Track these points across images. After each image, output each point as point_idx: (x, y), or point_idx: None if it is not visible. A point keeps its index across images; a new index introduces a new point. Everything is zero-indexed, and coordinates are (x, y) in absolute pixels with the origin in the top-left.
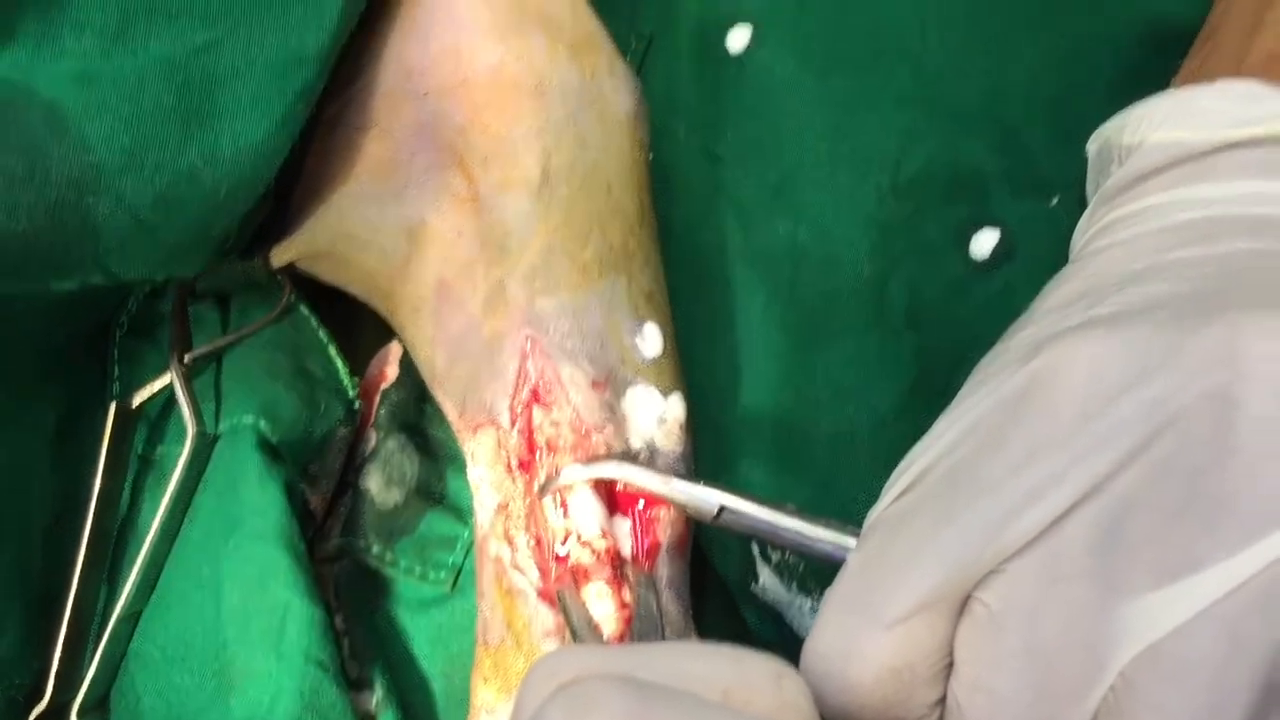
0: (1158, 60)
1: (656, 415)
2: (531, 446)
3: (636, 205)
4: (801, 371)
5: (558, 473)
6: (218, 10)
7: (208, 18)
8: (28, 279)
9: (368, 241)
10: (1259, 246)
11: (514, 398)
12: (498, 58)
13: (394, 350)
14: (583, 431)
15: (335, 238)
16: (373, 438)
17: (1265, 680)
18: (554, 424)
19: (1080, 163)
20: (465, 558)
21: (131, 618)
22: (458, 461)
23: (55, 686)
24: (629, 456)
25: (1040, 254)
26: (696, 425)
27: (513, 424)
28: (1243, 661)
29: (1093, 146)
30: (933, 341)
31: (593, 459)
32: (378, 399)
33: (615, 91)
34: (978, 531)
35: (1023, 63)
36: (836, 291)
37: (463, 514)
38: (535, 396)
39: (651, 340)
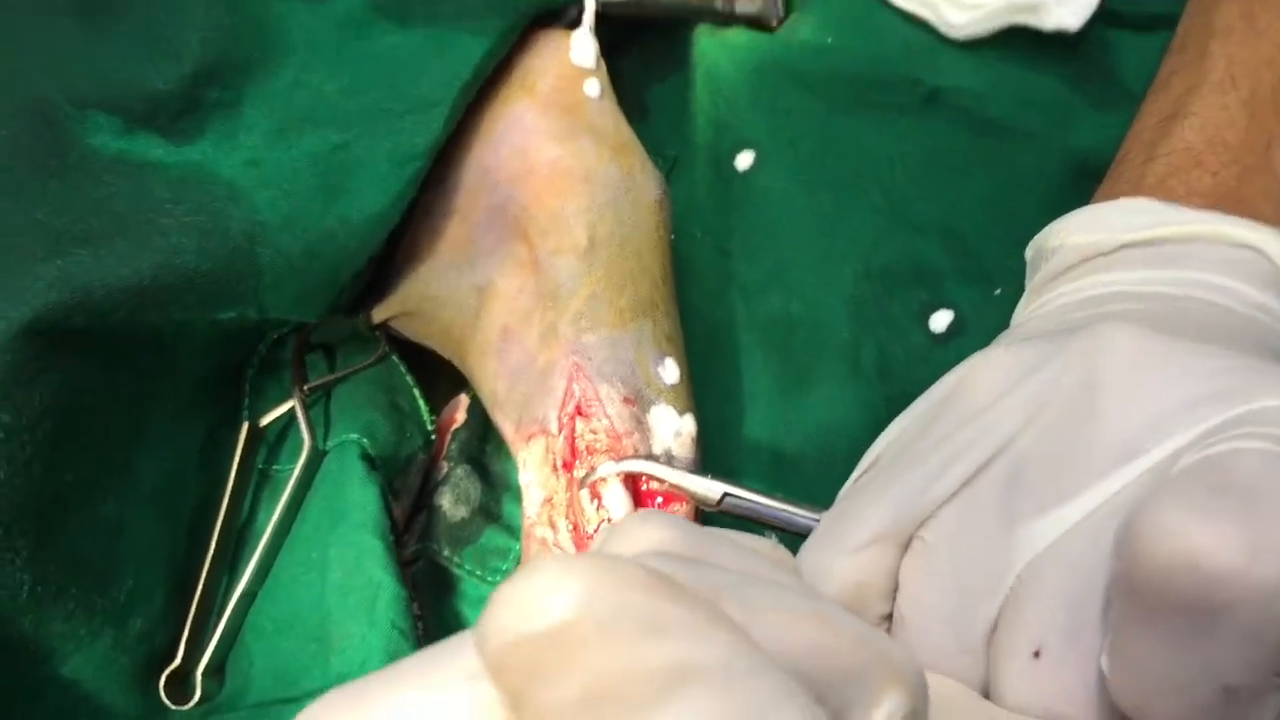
0: (1081, 185)
1: (674, 429)
2: (574, 450)
3: (660, 269)
4: (792, 411)
5: (594, 469)
6: (351, 119)
7: (344, 125)
8: (205, 309)
9: (446, 300)
10: (1137, 307)
11: (561, 410)
12: (556, 155)
13: (462, 400)
14: (615, 437)
15: (421, 299)
16: (444, 467)
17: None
18: (593, 431)
19: (1018, 262)
20: (516, 566)
21: (247, 597)
22: (511, 490)
23: (185, 652)
24: (651, 458)
25: (987, 330)
26: (706, 452)
27: (560, 431)
28: (1099, 558)
29: (1029, 252)
30: (898, 392)
31: (623, 458)
32: (449, 437)
33: (646, 183)
34: (914, 486)
35: (972, 188)
36: (820, 351)
37: (514, 532)
38: (579, 410)
39: (671, 371)
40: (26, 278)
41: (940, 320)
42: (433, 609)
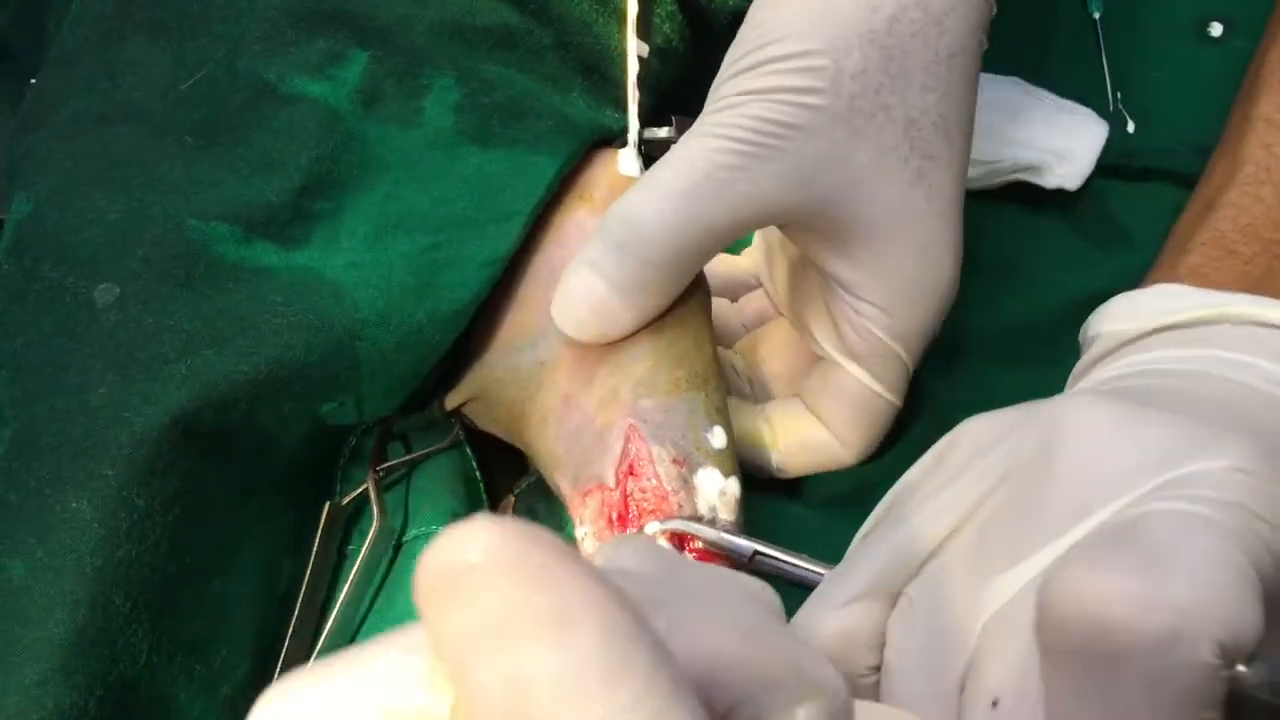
0: (1080, 317)
1: (719, 489)
2: (627, 505)
3: (713, 349)
4: None
5: (642, 527)
6: (439, 226)
7: (432, 230)
8: (312, 399)
9: (510, 380)
10: (1143, 383)
11: (619, 466)
12: None
13: (510, 501)
14: (663, 495)
15: (487, 382)
16: None
17: None
18: (641, 490)
19: (1025, 387)
20: None
21: None
22: None
23: None
24: (695, 517)
25: None
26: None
27: (617, 485)
28: None
29: (1080, 337)
30: None
31: (668, 517)
32: None
33: (698, 275)
34: (895, 548)
35: (979, 320)
36: None
37: None
38: (631, 469)
39: (719, 437)
40: (160, 378)
41: None
42: None
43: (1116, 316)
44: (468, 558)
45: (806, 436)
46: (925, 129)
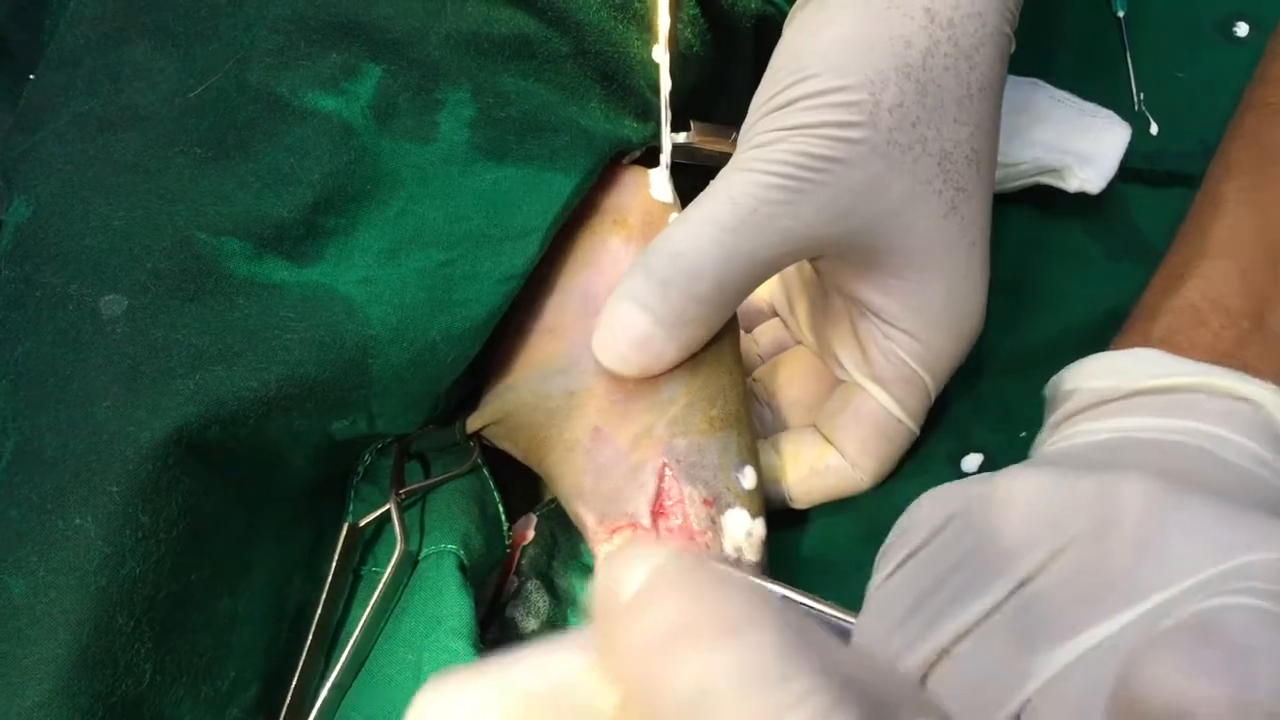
0: (1102, 333)
1: (745, 530)
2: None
3: (743, 389)
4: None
5: None
6: (455, 241)
7: (448, 246)
8: (322, 417)
9: (536, 405)
10: (1141, 457)
11: (654, 506)
12: None
13: (531, 519)
14: (690, 535)
15: (511, 407)
16: (515, 581)
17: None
18: (669, 530)
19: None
20: None
21: (339, 689)
22: (575, 605)
23: None
24: (719, 559)
25: None
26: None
27: (651, 525)
28: (1097, 689)
29: (1047, 391)
30: None
31: None
32: (519, 553)
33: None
34: (943, 628)
35: (996, 339)
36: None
37: None
38: (661, 508)
39: (749, 478)
40: (168, 392)
41: (971, 462)
42: None
43: (1096, 374)
44: (640, 577)
45: (817, 463)
46: (959, 161)
